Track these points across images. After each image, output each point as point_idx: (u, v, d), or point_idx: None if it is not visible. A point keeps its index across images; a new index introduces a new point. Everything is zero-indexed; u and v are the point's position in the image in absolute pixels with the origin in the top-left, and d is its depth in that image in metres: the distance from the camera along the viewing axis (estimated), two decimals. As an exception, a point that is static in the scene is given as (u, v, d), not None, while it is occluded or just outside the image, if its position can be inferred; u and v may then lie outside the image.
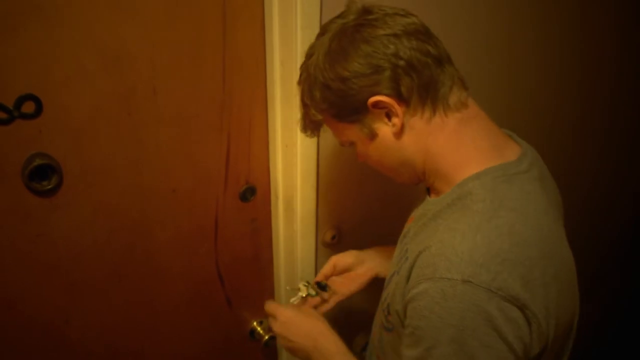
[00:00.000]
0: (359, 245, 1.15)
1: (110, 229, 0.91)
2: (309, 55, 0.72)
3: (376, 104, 0.65)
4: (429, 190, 0.76)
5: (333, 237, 1.10)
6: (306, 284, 0.95)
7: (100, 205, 0.88)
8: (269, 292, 1.16)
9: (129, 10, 0.80)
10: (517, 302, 0.57)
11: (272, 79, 0.94)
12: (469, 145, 0.67)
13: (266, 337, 1.16)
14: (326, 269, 0.97)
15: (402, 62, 0.63)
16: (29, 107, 0.76)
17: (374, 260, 0.97)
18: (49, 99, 0.77)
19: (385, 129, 0.68)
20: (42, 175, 0.80)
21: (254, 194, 1.04)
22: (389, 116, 0.67)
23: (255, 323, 1.17)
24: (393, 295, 0.70)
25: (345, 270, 0.98)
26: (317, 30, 0.87)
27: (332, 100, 0.68)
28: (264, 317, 1.18)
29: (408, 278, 0.65)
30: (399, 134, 0.67)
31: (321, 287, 0.95)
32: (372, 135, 0.69)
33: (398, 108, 0.65)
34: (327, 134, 0.99)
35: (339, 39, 0.67)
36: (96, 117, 0.83)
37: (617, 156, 1.62)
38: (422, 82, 0.65)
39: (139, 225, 0.94)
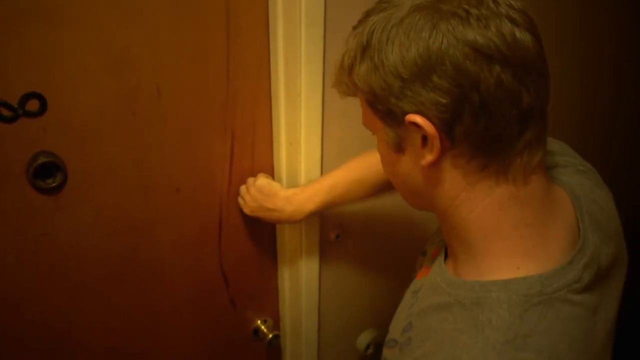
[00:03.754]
0: (363, 245, 1.16)
1: (114, 229, 0.91)
2: (383, 7, 0.50)
3: (414, 123, 0.49)
4: (446, 250, 0.62)
5: (337, 237, 1.10)
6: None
7: (104, 205, 0.88)
8: (273, 291, 1.16)
9: (132, 12, 0.79)
10: None
11: (276, 78, 0.94)
12: (510, 228, 0.52)
13: (270, 336, 1.15)
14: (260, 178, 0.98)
15: (475, 97, 0.45)
16: (33, 105, 0.76)
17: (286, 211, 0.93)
18: (54, 97, 0.77)
19: (414, 153, 0.52)
20: (47, 173, 0.80)
21: (257, 193, 1.04)
22: (424, 142, 0.50)
23: (259, 322, 1.17)
24: None
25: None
26: (322, 28, 0.87)
27: (372, 86, 0.50)
28: (268, 316, 1.18)
29: None
30: (427, 168, 0.52)
31: None
32: (397, 149, 0.54)
33: (438, 144, 0.48)
34: (330, 132, 0.99)
35: (420, 12, 0.47)
36: (100, 117, 0.83)
37: (617, 161, 1.62)
38: (487, 135, 0.47)
39: (142, 226, 0.94)
